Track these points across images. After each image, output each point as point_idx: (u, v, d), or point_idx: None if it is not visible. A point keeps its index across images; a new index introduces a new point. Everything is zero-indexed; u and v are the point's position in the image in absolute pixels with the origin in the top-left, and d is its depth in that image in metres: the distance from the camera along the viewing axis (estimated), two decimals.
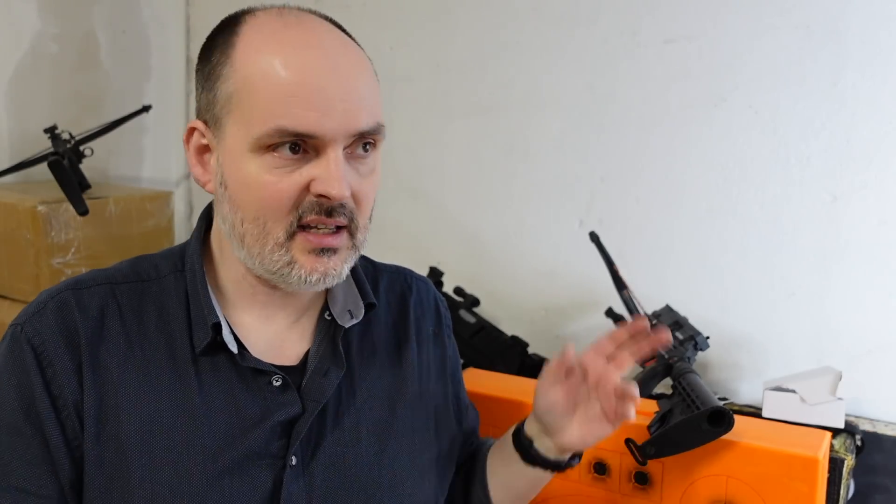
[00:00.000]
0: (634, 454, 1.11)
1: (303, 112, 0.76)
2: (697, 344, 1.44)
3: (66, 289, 0.84)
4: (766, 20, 1.56)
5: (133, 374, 0.82)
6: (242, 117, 0.78)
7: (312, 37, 0.80)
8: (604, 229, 1.63)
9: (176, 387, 0.83)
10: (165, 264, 0.90)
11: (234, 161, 0.80)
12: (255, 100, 0.77)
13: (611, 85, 1.73)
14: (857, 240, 1.52)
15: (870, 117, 1.49)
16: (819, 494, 1.06)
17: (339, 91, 0.78)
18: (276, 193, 0.78)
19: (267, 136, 0.77)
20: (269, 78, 0.77)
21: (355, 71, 0.80)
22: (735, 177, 1.62)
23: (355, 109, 0.79)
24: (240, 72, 0.79)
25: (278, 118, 0.76)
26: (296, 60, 0.77)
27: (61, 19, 2.01)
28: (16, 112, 1.93)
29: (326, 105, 0.77)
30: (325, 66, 0.78)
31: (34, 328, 0.81)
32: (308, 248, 0.80)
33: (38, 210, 1.66)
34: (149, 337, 0.84)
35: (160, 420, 0.81)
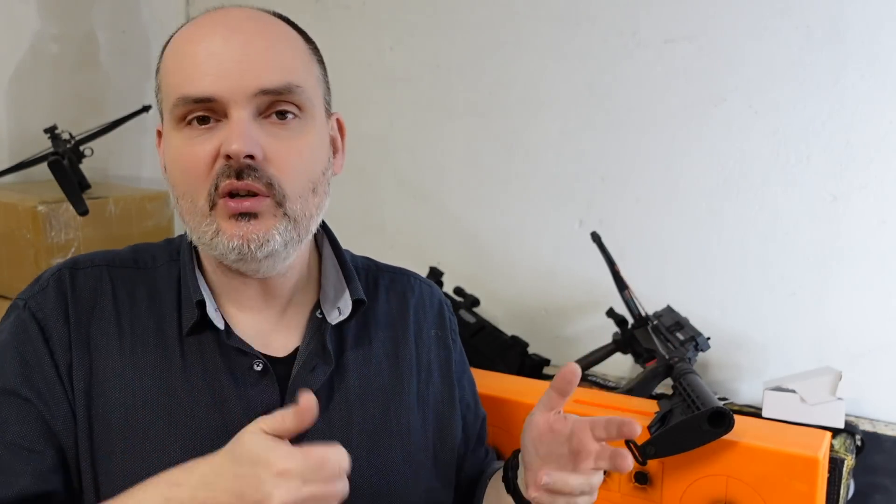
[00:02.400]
0: (634, 454, 1.11)
1: (199, 77, 0.80)
2: (698, 344, 1.44)
3: (65, 268, 0.88)
4: (766, 20, 1.56)
5: (120, 352, 0.85)
6: (164, 99, 0.84)
7: (221, 16, 0.84)
8: (604, 229, 1.63)
9: (160, 365, 0.85)
10: (163, 254, 0.92)
11: (166, 143, 0.85)
12: (167, 79, 0.83)
13: (611, 85, 1.73)
14: (857, 240, 1.52)
15: (870, 117, 1.49)
16: (819, 494, 1.06)
17: (234, 53, 0.80)
18: (191, 161, 0.81)
19: (174, 108, 0.81)
20: (174, 56, 0.83)
21: (260, 37, 0.82)
22: (735, 177, 1.62)
23: (253, 69, 0.80)
24: (163, 61, 0.85)
25: (179, 87, 0.81)
26: (196, 35, 0.82)
27: (61, 19, 2.01)
28: (16, 112, 1.93)
29: (220, 67, 0.80)
30: (223, 35, 0.81)
31: (38, 303, 0.86)
32: (228, 213, 0.81)
33: (38, 210, 1.66)
34: (139, 318, 0.87)
35: (143, 396, 0.84)
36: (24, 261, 1.69)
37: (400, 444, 0.94)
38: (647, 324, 1.49)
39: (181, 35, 0.85)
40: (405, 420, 0.95)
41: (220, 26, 0.82)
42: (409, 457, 0.94)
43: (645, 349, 1.46)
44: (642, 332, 1.48)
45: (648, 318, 1.50)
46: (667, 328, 1.46)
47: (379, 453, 0.91)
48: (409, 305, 1.01)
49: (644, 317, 1.51)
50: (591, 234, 1.56)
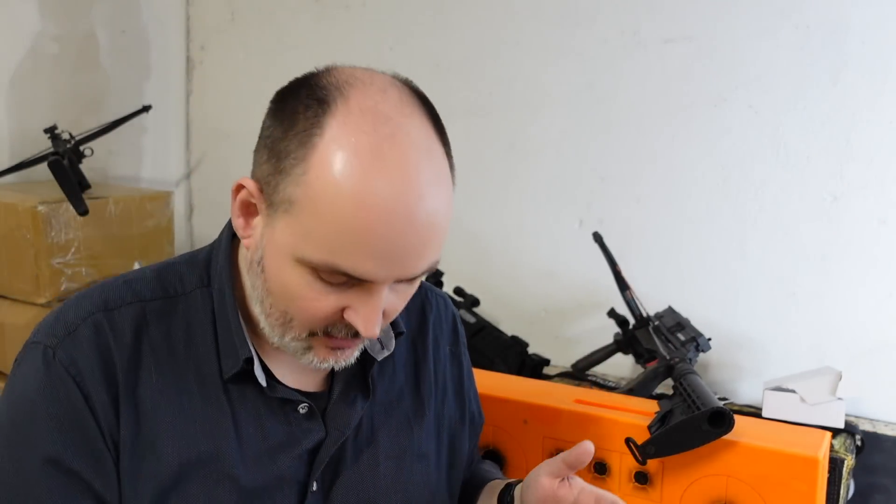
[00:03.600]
0: (634, 454, 1.11)
1: (362, 259, 0.71)
2: (699, 345, 1.44)
3: (98, 310, 0.79)
4: (766, 20, 1.56)
5: (166, 402, 0.79)
6: (299, 230, 0.72)
7: (399, 172, 0.70)
8: (604, 229, 1.63)
9: (209, 414, 0.80)
10: (191, 277, 0.85)
11: (277, 256, 0.75)
12: (317, 226, 0.71)
13: (611, 85, 1.73)
14: (857, 240, 1.52)
15: (870, 117, 1.49)
16: (819, 494, 1.06)
17: (408, 245, 0.72)
18: (310, 309, 0.75)
19: (319, 265, 0.72)
20: (337, 214, 0.69)
21: (435, 214, 0.73)
22: (735, 177, 1.62)
23: (417, 262, 0.74)
24: (310, 188, 0.70)
25: (334, 256, 0.71)
26: (374, 203, 0.69)
27: (61, 19, 2.01)
28: (16, 112, 1.93)
29: (390, 256, 0.71)
30: (403, 217, 0.70)
31: (69, 355, 0.76)
32: (328, 345, 0.79)
33: (38, 210, 1.66)
34: (178, 361, 0.81)
35: (196, 448, 0.79)
36: (24, 261, 1.69)
37: (420, 467, 0.93)
38: (649, 324, 1.49)
39: (351, 184, 0.69)
40: (426, 443, 0.94)
41: (399, 196, 0.69)
42: (427, 479, 0.94)
43: (646, 349, 1.46)
44: (643, 333, 1.48)
45: (650, 318, 1.50)
46: (668, 329, 1.47)
47: (403, 477, 0.91)
48: (428, 322, 0.98)
49: (645, 317, 1.51)
50: (592, 235, 1.57)
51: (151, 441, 0.78)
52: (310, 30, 2.09)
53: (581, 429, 1.18)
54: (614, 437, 1.16)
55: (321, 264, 0.72)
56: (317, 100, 0.73)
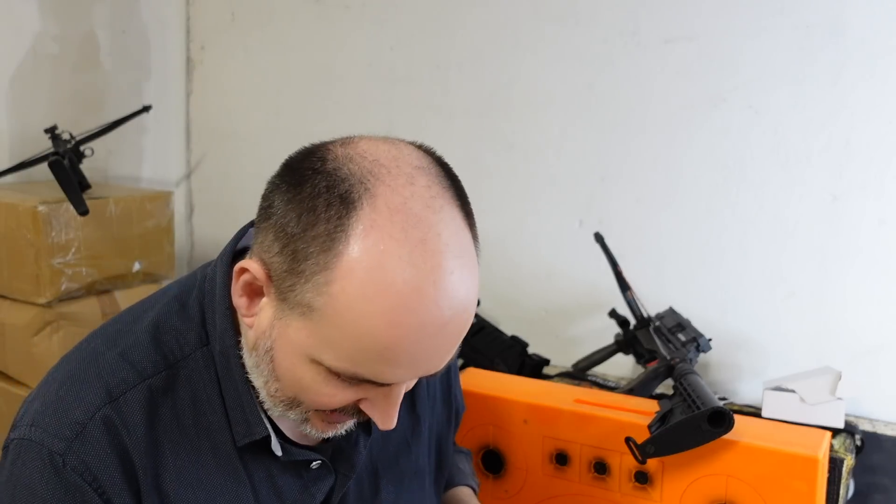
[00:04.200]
0: (634, 453, 1.11)
1: (389, 370, 0.68)
2: (700, 346, 1.44)
3: (103, 404, 0.73)
4: (766, 20, 1.56)
5: (187, 482, 0.76)
6: (319, 337, 0.68)
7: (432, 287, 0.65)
8: (604, 229, 1.63)
9: (228, 485, 0.78)
10: (190, 335, 0.79)
11: (290, 353, 0.71)
12: (341, 339, 0.67)
13: (611, 85, 1.73)
14: (857, 240, 1.52)
15: (870, 117, 1.49)
16: (819, 494, 1.06)
17: (437, 352, 0.69)
18: (324, 403, 0.72)
19: (337, 372, 0.69)
20: (365, 330, 0.65)
21: (466, 320, 0.70)
22: (735, 177, 1.62)
23: (443, 361, 0.71)
24: (334, 300, 0.66)
25: (358, 367, 0.68)
26: (405, 321, 0.65)
27: (61, 19, 2.01)
28: (16, 112, 1.93)
29: (417, 364, 0.69)
30: (434, 329, 0.67)
31: (82, 461, 0.70)
32: (328, 420, 0.77)
33: (38, 210, 1.66)
34: (189, 436, 0.76)
35: None
36: (24, 261, 1.69)
37: (417, 484, 0.93)
38: (650, 325, 1.49)
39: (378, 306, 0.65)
40: (423, 458, 0.94)
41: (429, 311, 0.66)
42: (423, 493, 0.94)
43: (646, 350, 1.46)
44: (644, 333, 1.49)
45: (650, 319, 1.51)
46: (668, 329, 1.47)
47: (402, 499, 0.91)
48: None
49: (646, 318, 1.51)
50: (594, 235, 1.57)
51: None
52: (310, 30, 2.09)
53: (581, 429, 1.18)
54: (614, 437, 1.16)
55: (342, 372, 0.68)
56: (339, 196, 0.66)
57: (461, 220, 0.70)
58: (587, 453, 1.18)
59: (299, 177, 0.69)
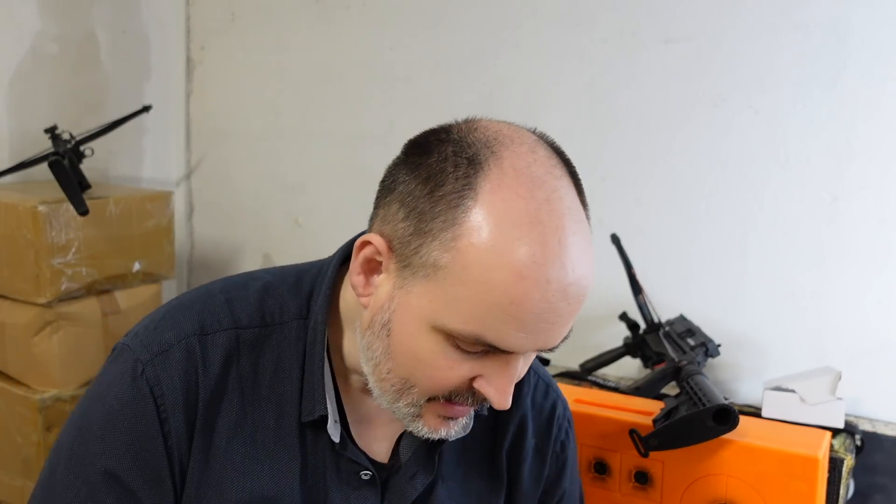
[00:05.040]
0: (637, 445, 1.11)
1: (512, 331, 0.68)
2: (708, 350, 1.45)
3: (193, 334, 0.78)
4: (766, 20, 1.56)
5: (242, 440, 0.78)
6: (442, 297, 0.69)
7: (557, 244, 0.67)
8: (604, 229, 1.63)
9: (280, 457, 0.79)
10: (293, 305, 0.81)
11: (410, 322, 0.71)
12: (466, 295, 0.67)
13: (611, 85, 1.73)
14: (857, 240, 1.52)
15: (870, 117, 1.49)
16: (819, 494, 1.06)
17: (558, 316, 0.69)
18: (439, 378, 0.72)
19: (460, 335, 0.69)
20: (491, 284, 0.66)
21: (585, 286, 0.71)
22: (735, 177, 1.62)
23: (561, 332, 0.72)
24: (462, 255, 0.67)
25: (482, 327, 0.68)
26: (529, 275, 0.66)
27: (61, 19, 2.01)
28: (16, 112, 1.93)
29: (539, 328, 0.69)
30: (558, 288, 0.68)
31: (156, 374, 0.76)
32: (441, 413, 0.76)
33: (38, 210, 1.66)
34: (261, 394, 0.79)
35: (260, 490, 0.78)
36: (24, 261, 1.69)
37: None
38: (660, 329, 1.50)
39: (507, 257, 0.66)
40: None
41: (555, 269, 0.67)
42: None
43: (654, 353, 1.47)
44: (653, 338, 1.49)
45: (661, 324, 1.51)
46: (678, 334, 1.47)
47: None
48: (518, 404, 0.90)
49: (657, 323, 1.52)
50: (610, 237, 1.57)
51: (219, 476, 0.77)
52: (310, 30, 2.09)
53: (581, 429, 1.18)
54: (614, 437, 1.16)
55: (467, 335, 0.69)
56: (467, 158, 0.69)
57: (576, 194, 0.73)
58: (587, 453, 1.18)
59: (425, 148, 0.72)
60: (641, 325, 1.55)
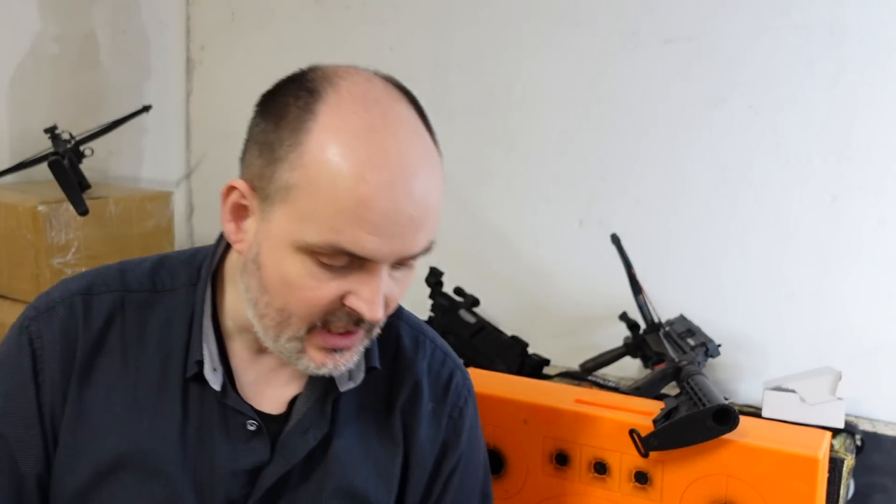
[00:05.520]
0: (637, 445, 1.11)
1: (364, 236, 0.71)
2: (708, 350, 1.45)
3: (79, 293, 0.83)
4: (766, 20, 1.56)
5: (122, 391, 0.81)
6: (297, 215, 0.73)
7: (394, 151, 0.72)
8: (604, 229, 1.64)
9: (161, 410, 0.81)
10: (184, 273, 0.86)
11: (274, 249, 0.75)
12: (317, 206, 0.71)
13: (611, 85, 1.73)
14: (857, 240, 1.52)
15: (870, 117, 1.49)
16: (819, 494, 1.06)
17: (405, 219, 0.73)
18: (311, 299, 0.75)
19: (318, 248, 0.72)
20: (338, 192, 0.71)
21: (428, 194, 0.75)
22: (735, 177, 1.62)
23: (414, 235, 0.74)
24: (308, 169, 0.72)
25: (336, 235, 0.71)
26: (371, 183, 0.71)
27: (61, 19, 2.01)
28: (16, 112, 1.93)
29: (390, 231, 0.72)
30: (399, 193, 0.72)
31: (38, 329, 0.81)
32: (322, 345, 0.78)
33: (38, 210, 1.66)
34: (146, 355, 0.83)
35: (138, 440, 0.81)
36: (24, 261, 1.69)
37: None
38: (660, 329, 1.50)
39: (346, 158, 0.71)
40: (384, 496, 0.89)
41: (394, 169, 0.72)
42: None
43: (655, 353, 1.47)
44: (654, 338, 1.49)
45: (661, 324, 1.51)
46: (678, 334, 1.47)
47: None
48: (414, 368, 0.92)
49: (657, 323, 1.52)
50: (610, 237, 1.57)
51: (97, 425, 0.80)
52: (310, 30, 2.09)
53: (581, 429, 1.18)
54: (614, 437, 1.16)
55: (323, 245, 0.72)
56: (307, 90, 0.75)
57: (419, 117, 0.78)
58: (587, 453, 1.18)
59: (272, 94, 0.79)
60: (641, 325, 1.55)
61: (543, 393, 1.26)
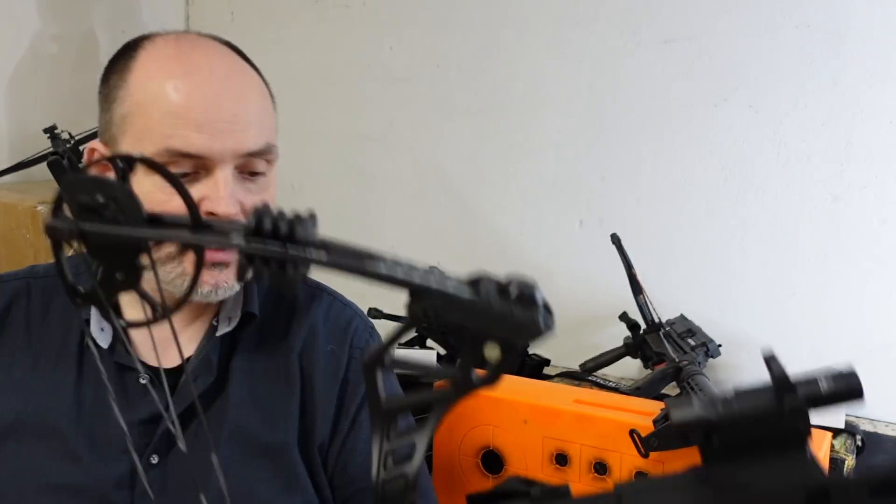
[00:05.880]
0: (637, 445, 1.11)
1: (191, 134, 0.80)
2: (709, 350, 1.45)
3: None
4: (766, 20, 1.56)
5: (22, 364, 0.88)
6: (135, 137, 0.82)
7: (204, 62, 0.84)
8: (604, 229, 1.63)
9: (55, 375, 0.88)
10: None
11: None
12: (147, 121, 0.81)
13: (611, 85, 1.73)
14: (857, 240, 1.52)
15: (870, 117, 1.49)
16: None
17: (226, 114, 0.82)
18: (166, 210, 0.78)
19: (157, 157, 0.80)
20: (159, 101, 0.81)
21: (244, 94, 0.85)
22: (735, 177, 1.62)
23: (242, 132, 0.83)
24: (133, 95, 0.83)
25: (168, 139, 0.80)
26: (185, 85, 0.81)
27: (61, 19, 2.01)
28: (15, 111, 1.93)
29: (213, 128, 0.81)
30: (213, 91, 0.82)
31: None
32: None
33: (38, 210, 1.66)
34: (48, 330, 0.90)
35: (34, 402, 0.87)
36: (24, 261, 1.69)
37: (271, 459, 0.91)
38: (660, 329, 1.50)
39: (160, 70, 0.83)
40: (282, 436, 0.91)
41: (206, 76, 0.83)
42: (280, 472, 0.91)
43: (655, 353, 1.47)
44: (654, 338, 1.49)
45: (661, 324, 1.51)
46: (678, 335, 1.47)
47: (245, 464, 0.90)
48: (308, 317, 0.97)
49: (657, 323, 1.51)
50: (611, 237, 1.57)
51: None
52: (310, 30, 2.09)
53: (581, 429, 1.18)
54: (614, 437, 1.15)
55: (160, 152, 0.80)
56: (128, 49, 0.87)
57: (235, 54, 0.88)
58: (587, 453, 1.18)
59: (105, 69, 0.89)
60: (642, 326, 1.55)
61: (543, 393, 1.26)
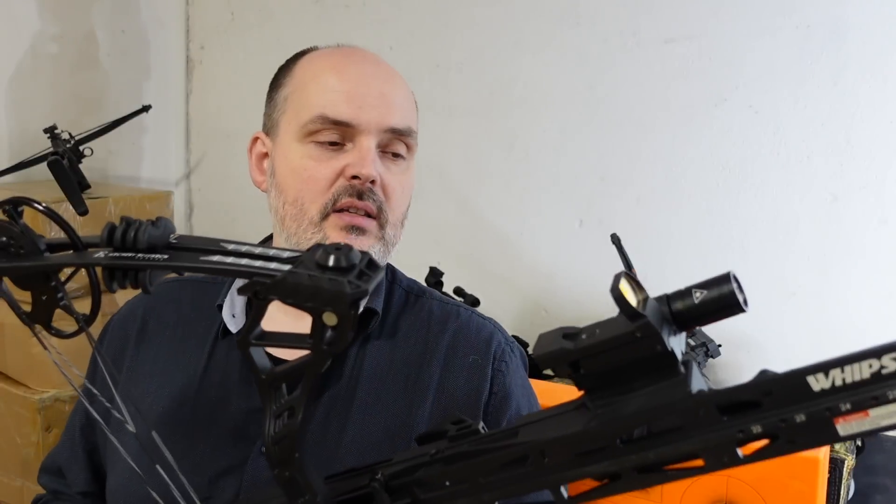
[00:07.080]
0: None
1: (343, 104, 0.89)
2: (709, 350, 1.45)
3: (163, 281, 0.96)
4: (766, 20, 1.56)
5: (168, 353, 0.94)
6: (294, 111, 0.91)
7: (359, 56, 0.95)
8: (604, 229, 1.63)
9: (191, 363, 0.92)
10: None
11: (283, 152, 0.92)
12: (306, 95, 0.91)
13: (611, 85, 1.73)
14: (857, 240, 1.52)
15: (870, 117, 1.49)
16: (819, 494, 1.06)
17: (375, 91, 0.90)
18: (314, 175, 0.89)
19: (311, 122, 0.89)
20: (318, 79, 0.91)
21: (392, 82, 0.94)
22: (735, 177, 1.62)
23: (388, 108, 0.90)
24: (296, 78, 0.94)
25: (321, 108, 0.89)
26: (342, 67, 0.92)
27: (61, 19, 2.01)
28: (16, 112, 1.93)
29: (363, 101, 0.89)
30: (366, 73, 0.92)
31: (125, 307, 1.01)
32: (340, 224, 0.88)
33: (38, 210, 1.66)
34: (195, 322, 0.96)
35: (170, 385, 0.92)
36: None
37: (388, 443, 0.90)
38: None
39: (322, 59, 0.94)
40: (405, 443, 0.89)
41: (360, 64, 0.93)
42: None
43: None
44: None
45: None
46: None
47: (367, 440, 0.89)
48: (447, 329, 0.97)
49: None
50: (611, 237, 1.57)
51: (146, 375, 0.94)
52: (310, 30, 2.09)
53: None
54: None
55: (313, 118, 0.88)
56: (294, 56, 0.98)
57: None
58: None
59: None
60: None
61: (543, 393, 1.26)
